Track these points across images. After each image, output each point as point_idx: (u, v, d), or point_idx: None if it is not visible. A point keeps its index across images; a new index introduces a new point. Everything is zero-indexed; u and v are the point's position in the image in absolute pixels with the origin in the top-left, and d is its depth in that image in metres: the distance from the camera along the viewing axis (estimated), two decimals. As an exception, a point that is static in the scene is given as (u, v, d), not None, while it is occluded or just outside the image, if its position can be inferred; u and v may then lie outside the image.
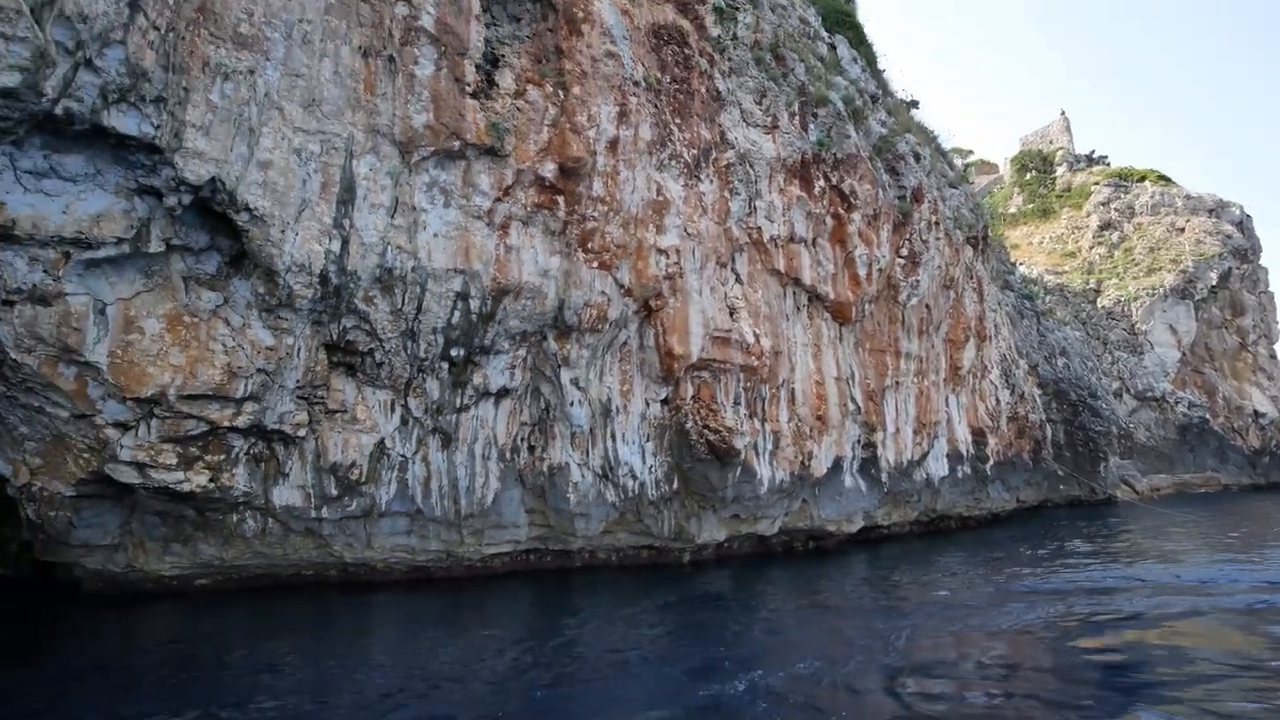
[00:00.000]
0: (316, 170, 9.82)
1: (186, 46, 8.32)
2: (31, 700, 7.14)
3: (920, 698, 6.97)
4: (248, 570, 12.76)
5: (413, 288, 11.05)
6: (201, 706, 6.80)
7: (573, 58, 11.88)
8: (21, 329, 9.11)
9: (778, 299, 15.41)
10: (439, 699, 7.09)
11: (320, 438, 11.85)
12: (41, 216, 8.43)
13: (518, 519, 13.47)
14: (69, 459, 10.78)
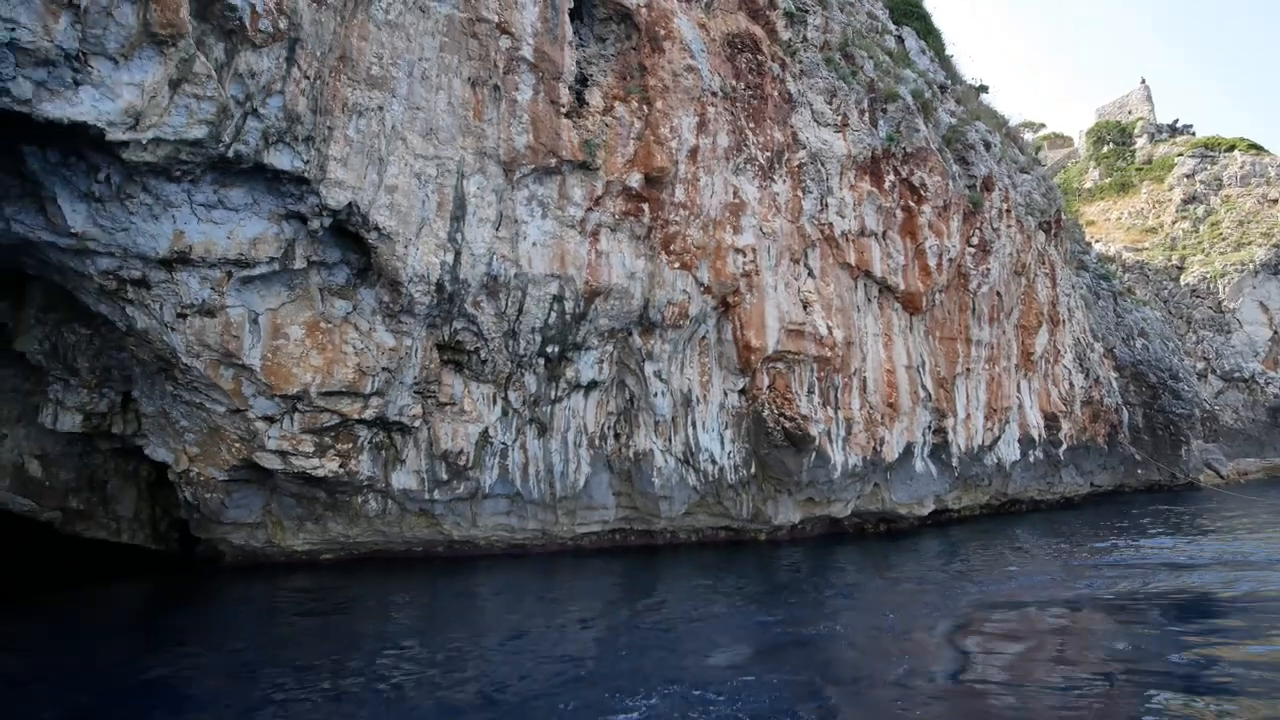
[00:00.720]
0: (433, 191, 11.01)
1: (330, 90, 9.56)
2: (211, 642, 8.61)
3: (980, 650, 7.75)
4: (367, 546, 14.31)
5: (515, 292, 12.20)
6: (345, 650, 8.09)
7: (655, 74, 12.75)
8: (192, 338, 10.62)
9: (849, 291, 16.02)
10: (545, 645, 8.19)
11: (432, 428, 13.19)
12: (211, 242, 9.84)
13: (606, 501, 14.61)
14: (223, 448, 12.39)
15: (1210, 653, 7.28)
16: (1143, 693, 6.26)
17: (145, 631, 9.74)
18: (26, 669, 7.72)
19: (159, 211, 9.33)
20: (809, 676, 6.96)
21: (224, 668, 7.80)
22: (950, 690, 6.57)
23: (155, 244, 9.46)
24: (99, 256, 9.65)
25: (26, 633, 9.45)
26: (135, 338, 10.87)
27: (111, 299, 10.31)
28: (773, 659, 7.60)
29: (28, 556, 15.76)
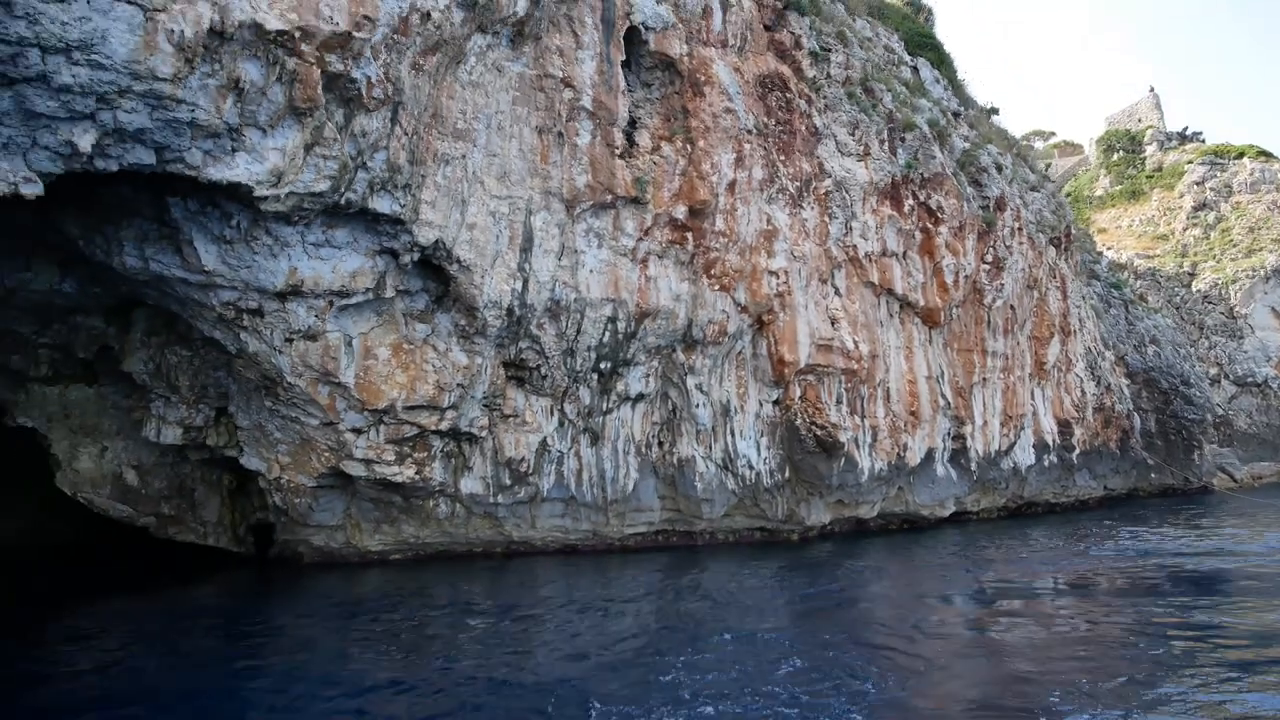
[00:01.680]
0: (505, 227, 12.41)
1: (423, 143, 10.98)
2: (302, 629, 9.95)
3: (991, 612, 8.99)
4: (434, 546, 15.65)
5: (574, 315, 13.56)
6: (419, 630, 9.39)
7: (697, 116, 14.13)
8: (296, 359, 12.04)
9: (873, 308, 17.29)
10: (612, 614, 9.46)
11: (497, 438, 14.55)
12: (319, 276, 11.26)
13: (652, 504, 15.90)
14: (313, 457, 13.79)
15: (1200, 619, 8.49)
16: (1129, 640, 7.47)
17: (276, 615, 11.13)
18: (185, 652, 9.12)
19: (277, 251, 10.76)
20: (840, 633, 8.25)
21: (343, 642, 9.14)
22: (963, 640, 7.84)
23: (274, 279, 10.88)
24: (222, 290, 11.09)
25: (174, 618, 10.88)
26: (244, 359, 12.30)
27: (227, 326, 11.75)
28: (809, 620, 8.92)
29: (129, 557, 17.34)
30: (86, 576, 16.61)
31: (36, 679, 7.63)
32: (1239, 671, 6.79)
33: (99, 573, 16.90)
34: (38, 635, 9.79)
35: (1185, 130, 68.39)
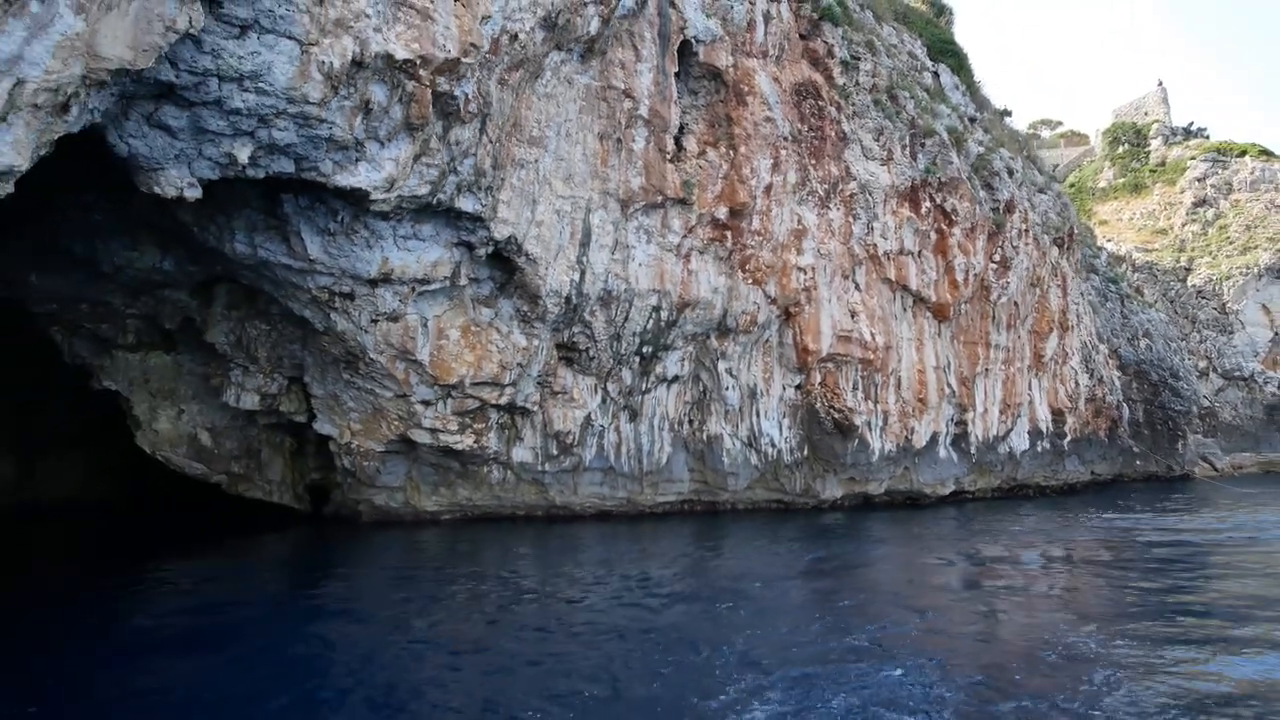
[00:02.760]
0: (568, 224, 13.74)
1: (505, 150, 12.27)
2: (366, 572, 11.49)
3: (983, 572, 10.60)
4: (483, 508, 17.19)
5: (623, 304, 14.96)
6: (476, 579, 10.89)
7: (740, 123, 15.39)
8: (380, 338, 13.43)
9: (888, 302, 18.72)
10: (651, 570, 11.02)
11: (546, 412, 16.02)
12: (406, 265, 12.61)
13: (683, 475, 17.46)
14: (383, 425, 15.24)
15: (1162, 582, 10.10)
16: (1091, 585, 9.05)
17: (360, 563, 12.69)
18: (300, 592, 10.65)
19: (373, 243, 12.10)
20: (846, 584, 9.85)
21: (420, 584, 10.69)
22: (958, 593, 9.43)
23: (369, 267, 12.23)
24: (320, 275, 12.44)
25: (269, 564, 12.42)
26: (331, 336, 13.68)
27: (319, 306, 13.11)
28: (820, 576, 10.57)
29: (193, 510, 18.95)
30: (162, 528, 18.18)
31: (140, 613, 9.11)
32: (1190, 619, 8.38)
33: (174, 525, 18.48)
34: (136, 579, 11.32)
35: (1190, 125, 69.13)
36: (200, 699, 6.27)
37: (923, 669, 6.77)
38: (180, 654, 7.51)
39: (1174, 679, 6.45)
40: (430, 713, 6.10)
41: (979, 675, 6.64)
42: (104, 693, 6.44)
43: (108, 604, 9.63)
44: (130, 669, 7.08)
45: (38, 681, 6.55)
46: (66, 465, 23.21)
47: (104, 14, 7.14)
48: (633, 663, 7.09)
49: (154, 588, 11.02)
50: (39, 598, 9.99)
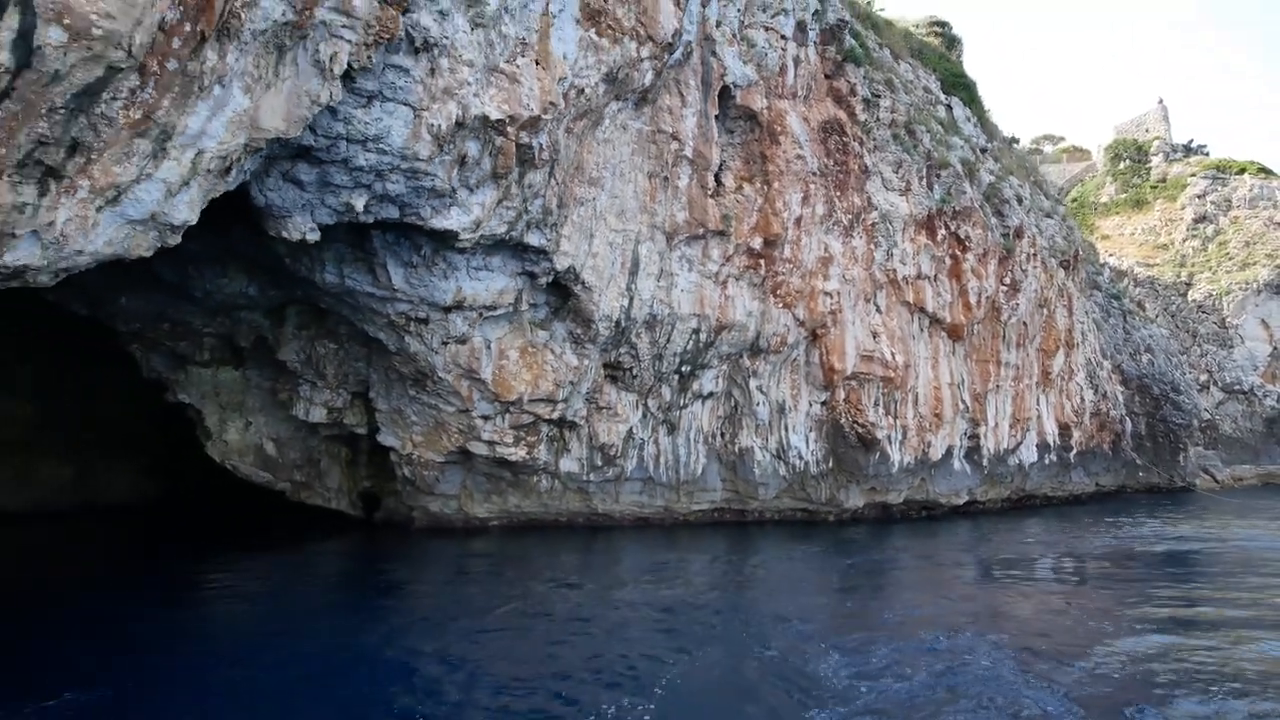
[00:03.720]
0: (619, 255, 15.04)
1: (568, 190, 13.58)
2: (422, 579, 12.72)
3: (998, 575, 11.83)
4: (530, 515, 18.42)
5: (666, 327, 16.24)
6: (526, 581, 12.14)
7: (773, 161, 16.71)
8: (449, 359, 14.71)
9: (907, 323, 19.99)
10: (693, 574, 12.26)
11: (592, 425, 17.27)
12: (476, 293, 13.90)
13: (716, 485, 18.70)
14: (444, 437, 16.50)
15: (1160, 586, 11.32)
16: (1092, 584, 10.28)
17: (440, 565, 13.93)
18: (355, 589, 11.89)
19: (449, 273, 13.39)
20: (877, 586, 11.08)
21: (475, 585, 11.94)
22: (968, 587, 10.68)
23: (444, 296, 13.52)
24: (400, 303, 13.73)
25: (328, 560, 13.66)
26: (403, 357, 14.96)
27: (394, 330, 14.40)
28: (849, 579, 11.80)
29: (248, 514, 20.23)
30: (229, 530, 19.40)
31: (214, 603, 10.37)
32: (1185, 614, 9.60)
33: (240, 527, 19.72)
34: (207, 576, 12.59)
35: (1190, 143, 70.44)
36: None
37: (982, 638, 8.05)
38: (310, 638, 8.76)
39: (1178, 654, 7.70)
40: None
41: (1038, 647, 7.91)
42: (208, 689, 7.24)
43: (200, 601, 10.90)
44: (233, 665, 8.24)
45: (124, 671, 7.46)
46: (119, 469, 24.52)
47: (264, 92, 8.46)
48: (722, 635, 8.36)
49: (251, 583, 12.28)
50: (120, 591, 11.20)
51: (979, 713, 6.30)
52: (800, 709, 6.48)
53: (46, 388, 22.68)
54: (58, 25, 6.37)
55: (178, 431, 24.15)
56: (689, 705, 6.73)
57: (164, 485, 24.95)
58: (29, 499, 22.26)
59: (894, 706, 6.51)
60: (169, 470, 24.95)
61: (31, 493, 22.47)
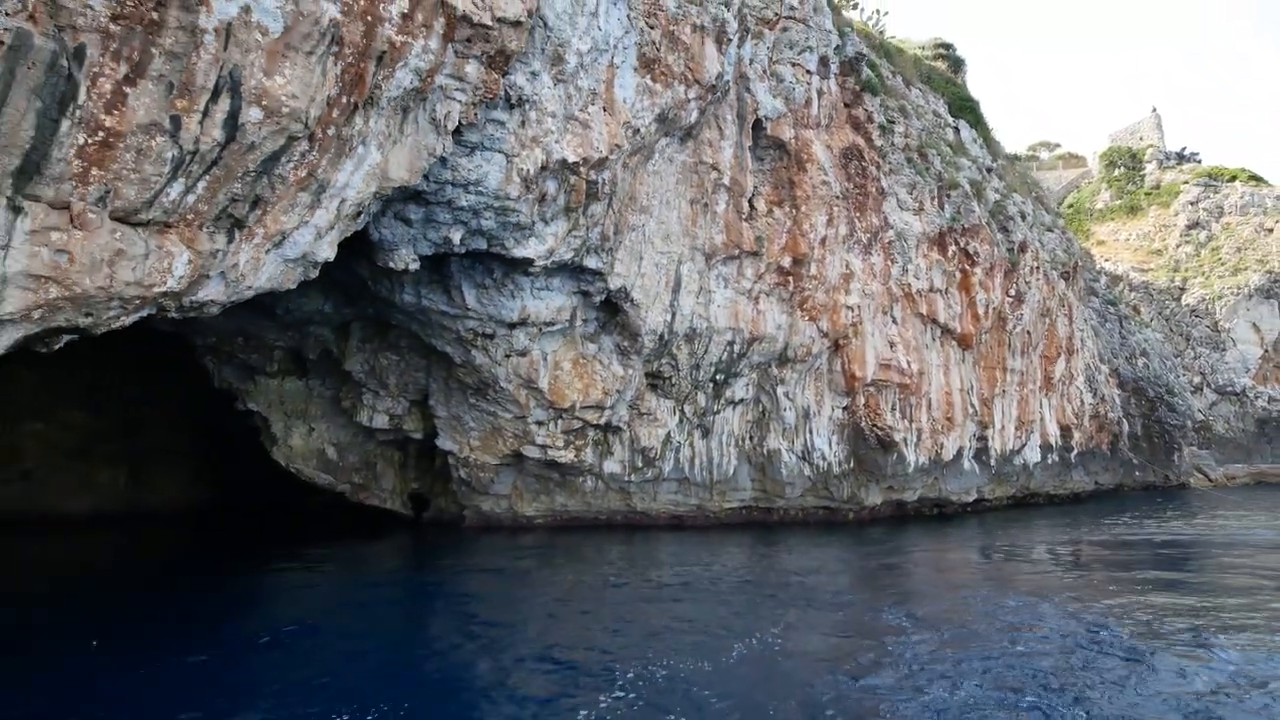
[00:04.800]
0: (664, 275, 16.51)
1: (622, 218, 15.04)
2: (474, 567, 14.13)
3: (1004, 567, 13.31)
4: (572, 513, 19.84)
5: (704, 339, 17.70)
6: (572, 570, 13.58)
7: (801, 186, 18.21)
8: (510, 370, 16.15)
9: (920, 334, 21.48)
10: (722, 569, 13.69)
11: (634, 430, 18.72)
12: (538, 311, 15.34)
13: (745, 485, 20.16)
14: (499, 442, 17.92)
15: (1153, 571, 12.81)
16: (1091, 568, 11.76)
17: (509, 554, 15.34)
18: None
19: (515, 294, 14.84)
20: (892, 581, 12.58)
21: (530, 579, 13.36)
22: (979, 573, 12.16)
23: (511, 314, 14.96)
24: (470, 320, 15.17)
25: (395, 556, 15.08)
26: (467, 368, 16.38)
27: (462, 344, 15.83)
28: (869, 571, 13.27)
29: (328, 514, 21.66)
30: (294, 530, 20.73)
31: (281, 591, 11.78)
32: (1173, 596, 11.08)
33: (301, 527, 21.08)
34: (275, 569, 13.98)
35: (1183, 150, 72.16)
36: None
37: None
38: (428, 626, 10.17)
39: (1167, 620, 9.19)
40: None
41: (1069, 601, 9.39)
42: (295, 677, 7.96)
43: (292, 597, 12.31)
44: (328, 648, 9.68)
45: (200, 664, 8.06)
46: (167, 476, 25.82)
47: (392, 148, 9.93)
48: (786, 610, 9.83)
49: (345, 569, 13.70)
50: (193, 588, 12.49)
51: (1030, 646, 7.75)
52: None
53: (99, 396, 23.94)
54: (257, 106, 7.83)
55: (219, 441, 25.55)
56: (808, 641, 8.15)
57: (207, 492, 26.16)
58: (88, 504, 23.54)
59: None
60: (210, 478, 26.17)
61: (90, 498, 23.75)
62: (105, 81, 6.85)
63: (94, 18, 6.64)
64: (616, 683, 7.10)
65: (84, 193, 7.01)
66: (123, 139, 7.05)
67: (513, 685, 7.27)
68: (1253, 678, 7.28)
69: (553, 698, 6.92)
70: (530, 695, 6.99)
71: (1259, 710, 6.39)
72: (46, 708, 6.52)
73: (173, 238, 7.87)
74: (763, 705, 6.59)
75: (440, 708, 6.70)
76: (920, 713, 6.37)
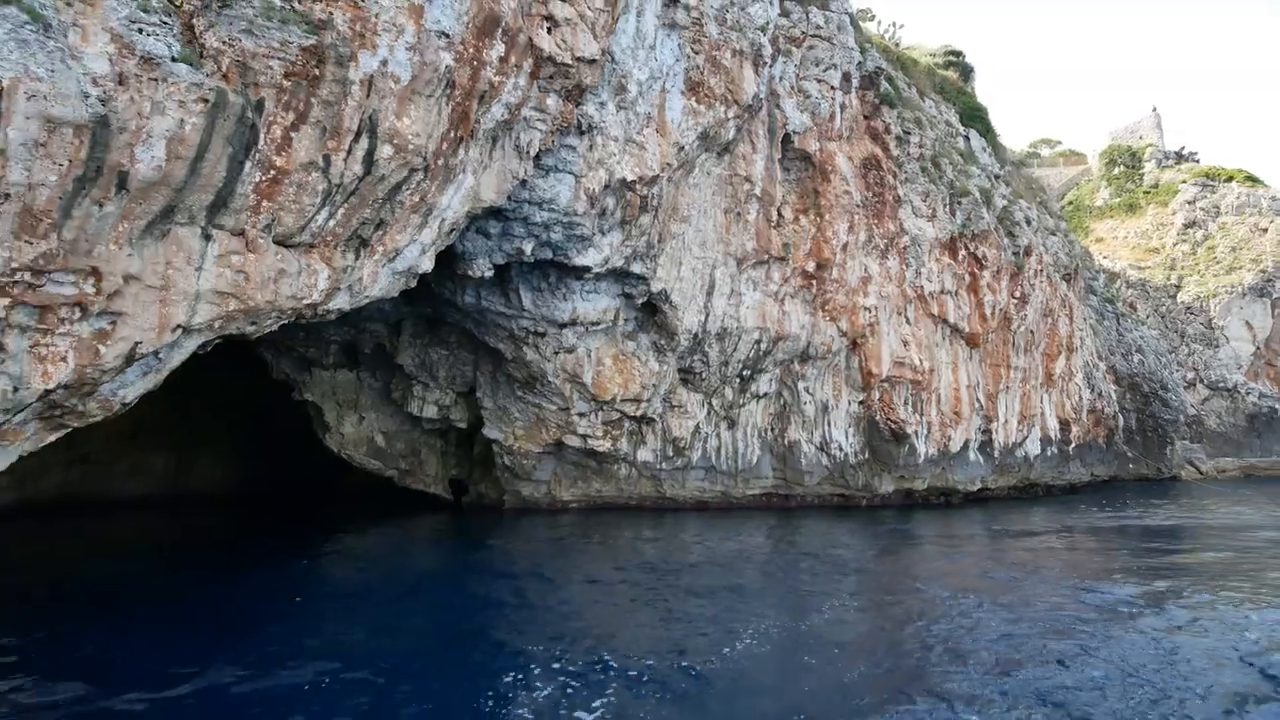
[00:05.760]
0: (700, 279, 17.85)
1: (665, 227, 16.36)
2: (521, 548, 15.54)
3: (1009, 549, 14.78)
4: (606, 498, 21.24)
5: (734, 338, 19.06)
6: (606, 542, 14.98)
7: (825, 196, 19.52)
8: (558, 366, 17.50)
9: (931, 333, 22.87)
10: (750, 547, 15.12)
11: (666, 421, 20.10)
12: (587, 312, 16.68)
13: (767, 473, 21.58)
14: (543, 431, 19.29)
15: (1141, 546, 14.28)
16: (1090, 549, 13.21)
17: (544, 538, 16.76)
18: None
19: (567, 296, 16.18)
20: (906, 557, 14.05)
21: (576, 553, 14.76)
22: (983, 547, 13.62)
23: (562, 314, 16.31)
24: (524, 320, 16.50)
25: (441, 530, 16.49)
26: (518, 363, 17.73)
27: (514, 342, 17.17)
28: (885, 548, 14.74)
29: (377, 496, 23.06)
30: (341, 512, 22.07)
31: (337, 566, 13.17)
32: (1163, 572, 12.54)
33: (347, 511, 22.43)
34: (328, 547, 15.37)
35: (1182, 150, 73.36)
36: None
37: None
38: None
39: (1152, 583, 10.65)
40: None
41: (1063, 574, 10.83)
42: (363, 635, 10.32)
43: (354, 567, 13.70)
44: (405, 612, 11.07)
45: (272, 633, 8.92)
46: (208, 462, 27.10)
47: (483, 172, 11.25)
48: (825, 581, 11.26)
49: (403, 545, 15.09)
50: (275, 555, 13.89)
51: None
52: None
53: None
54: (389, 144, 9.15)
55: (255, 430, 26.82)
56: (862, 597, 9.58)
57: (244, 477, 27.36)
58: (139, 487, 24.83)
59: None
60: (246, 464, 27.39)
61: (141, 482, 25.04)
62: (277, 128, 8.16)
63: (272, 75, 7.94)
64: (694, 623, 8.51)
65: (255, 221, 8.34)
66: (288, 175, 8.37)
67: (584, 621, 8.67)
68: (1207, 619, 8.75)
69: (668, 638, 8.31)
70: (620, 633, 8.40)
71: (1213, 646, 7.84)
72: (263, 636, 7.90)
73: (315, 257, 9.20)
74: (802, 645, 8.00)
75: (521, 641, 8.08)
76: (941, 646, 7.79)
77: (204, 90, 7.35)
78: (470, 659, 7.75)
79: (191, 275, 7.84)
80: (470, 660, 7.72)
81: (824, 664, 7.56)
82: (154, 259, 7.55)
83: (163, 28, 7.33)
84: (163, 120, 7.13)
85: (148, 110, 7.03)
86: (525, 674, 7.12)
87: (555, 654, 7.67)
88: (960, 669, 7.34)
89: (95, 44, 6.90)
